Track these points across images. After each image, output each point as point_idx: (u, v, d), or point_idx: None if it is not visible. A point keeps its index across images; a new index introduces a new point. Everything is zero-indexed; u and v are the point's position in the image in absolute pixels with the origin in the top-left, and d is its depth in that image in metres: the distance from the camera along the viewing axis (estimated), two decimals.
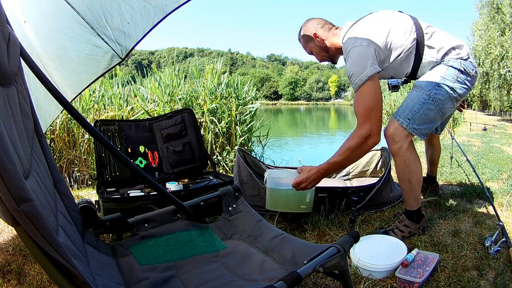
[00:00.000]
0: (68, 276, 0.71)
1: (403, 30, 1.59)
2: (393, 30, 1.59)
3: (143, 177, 1.28)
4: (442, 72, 1.58)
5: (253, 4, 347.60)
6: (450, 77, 1.56)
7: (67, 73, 2.14)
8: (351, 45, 1.54)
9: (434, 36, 1.62)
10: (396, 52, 1.61)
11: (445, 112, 1.62)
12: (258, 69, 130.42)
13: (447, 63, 1.59)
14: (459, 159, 3.52)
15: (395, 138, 1.56)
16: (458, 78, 1.57)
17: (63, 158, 4.14)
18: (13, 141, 0.71)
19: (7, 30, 0.86)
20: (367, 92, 1.47)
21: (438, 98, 1.56)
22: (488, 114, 23.70)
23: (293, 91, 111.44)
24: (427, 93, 1.57)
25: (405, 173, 1.58)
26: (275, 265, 1.04)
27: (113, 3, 1.76)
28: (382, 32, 1.58)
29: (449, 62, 1.58)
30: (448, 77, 1.56)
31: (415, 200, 1.63)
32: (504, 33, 14.76)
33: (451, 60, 1.59)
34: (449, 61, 1.59)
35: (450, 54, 1.60)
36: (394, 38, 1.59)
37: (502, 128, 9.74)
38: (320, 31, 1.75)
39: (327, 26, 1.76)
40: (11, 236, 1.85)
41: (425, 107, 1.56)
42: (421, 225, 1.68)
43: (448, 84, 1.56)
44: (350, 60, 1.53)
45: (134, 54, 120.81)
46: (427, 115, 1.57)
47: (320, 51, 1.80)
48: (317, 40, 1.75)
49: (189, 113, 2.46)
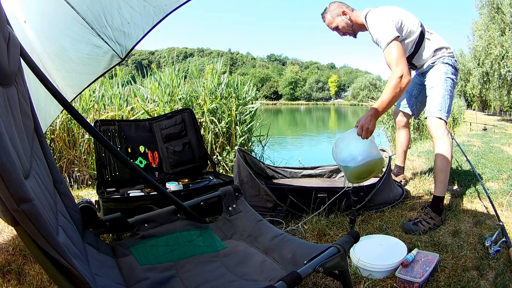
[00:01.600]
0: (68, 276, 0.71)
1: (414, 20, 1.99)
2: (406, 19, 1.96)
3: (143, 177, 1.28)
4: (444, 70, 1.98)
5: (253, 4, 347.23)
6: (449, 72, 1.99)
7: (67, 73, 2.14)
8: (374, 17, 1.92)
9: (432, 34, 2.05)
10: (407, 36, 1.98)
11: (452, 98, 2.01)
12: (258, 69, 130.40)
13: (443, 61, 1.99)
14: (459, 159, 3.52)
15: (438, 128, 1.92)
16: (452, 71, 1.99)
17: (63, 158, 4.13)
18: (13, 141, 0.71)
19: (7, 30, 0.86)
20: (393, 48, 1.80)
21: (449, 89, 1.97)
22: (488, 114, 23.70)
23: (293, 91, 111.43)
24: (443, 87, 1.96)
25: (448, 156, 1.88)
26: (275, 265, 1.04)
27: (113, 3, 1.75)
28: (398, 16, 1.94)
29: (445, 59, 1.99)
30: (448, 72, 1.98)
31: (445, 185, 1.89)
32: (504, 33, 14.76)
33: (445, 57, 1.99)
34: (444, 59, 1.99)
35: (442, 51, 2.00)
36: (408, 25, 1.95)
37: (502, 128, 9.74)
38: (347, 10, 2.08)
39: (350, 8, 2.11)
40: (11, 236, 1.85)
41: (446, 97, 1.95)
42: (442, 217, 1.88)
43: (450, 77, 1.98)
44: (375, 29, 1.89)
45: (134, 54, 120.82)
46: (448, 102, 1.96)
47: (346, 26, 2.09)
48: (345, 16, 2.07)
49: (189, 113, 2.46)
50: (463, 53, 27.80)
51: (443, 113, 1.92)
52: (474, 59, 17.21)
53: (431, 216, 1.84)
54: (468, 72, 22.50)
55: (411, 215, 1.97)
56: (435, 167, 1.93)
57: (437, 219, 1.83)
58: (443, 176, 1.88)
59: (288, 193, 1.96)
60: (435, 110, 1.94)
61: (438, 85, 1.97)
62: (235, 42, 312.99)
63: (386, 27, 1.85)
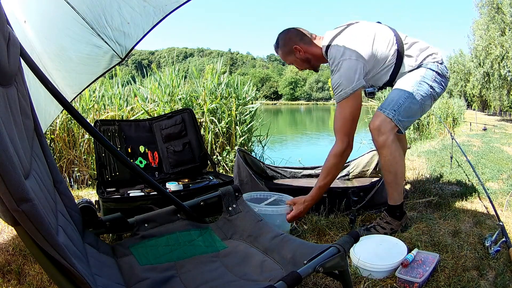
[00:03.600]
0: (68, 276, 0.71)
1: (386, 42, 1.68)
2: (377, 43, 1.66)
3: (143, 177, 1.28)
4: (422, 73, 1.68)
5: (253, 4, 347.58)
6: (429, 77, 1.66)
7: (67, 73, 2.14)
8: (340, 58, 1.61)
9: (413, 46, 1.72)
10: (380, 64, 1.70)
11: (425, 108, 1.71)
12: (258, 69, 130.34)
13: (425, 66, 1.69)
14: (459, 159, 3.52)
15: (382, 129, 1.60)
16: (435, 78, 1.67)
17: (63, 158, 4.13)
18: (13, 141, 0.71)
19: (7, 30, 0.86)
20: (350, 105, 1.58)
21: (420, 94, 1.64)
22: (488, 114, 23.70)
23: (293, 91, 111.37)
24: (411, 89, 1.65)
25: (392, 165, 1.61)
26: (275, 265, 1.04)
27: (113, 3, 1.76)
28: (368, 45, 1.65)
29: (428, 65, 1.68)
30: (428, 77, 1.66)
31: (398, 194, 1.66)
32: (504, 33, 14.77)
33: (429, 63, 1.69)
34: (428, 64, 1.68)
35: (427, 59, 1.70)
36: (379, 51, 1.67)
37: (502, 128, 9.75)
38: (300, 43, 1.76)
39: (307, 37, 1.77)
40: (11, 236, 1.85)
41: (409, 101, 1.63)
42: (403, 222, 1.70)
43: (428, 83, 1.66)
44: (338, 73, 1.60)
45: (134, 54, 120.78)
46: (411, 108, 1.64)
47: (301, 63, 1.82)
48: (298, 53, 1.77)
49: (189, 113, 2.46)
50: (462, 53, 27.80)
51: (396, 114, 1.59)
52: (475, 59, 17.23)
53: (387, 221, 1.68)
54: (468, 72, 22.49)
55: (411, 215, 1.97)
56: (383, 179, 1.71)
57: (394, 224, 1.67)
58: (392, 188, 1.65)
59: (288, 193, 1.96)
60: (387, 106, 1.62)
61: (406, 85, 1.65)
62: (235, 42, 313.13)
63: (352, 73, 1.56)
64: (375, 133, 1.62)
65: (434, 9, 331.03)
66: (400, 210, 1.69)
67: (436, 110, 10.29)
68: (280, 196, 1.83)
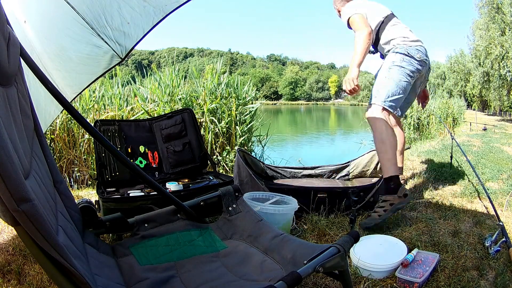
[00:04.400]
0: (68, 276, 0.71)
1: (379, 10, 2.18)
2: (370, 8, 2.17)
3: (143, 177, 1.28)
4: (391, 58, 2.03)
5: (253, 4, 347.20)
6: (398, 60, 2.01)
7: (67, 73, 2.14)
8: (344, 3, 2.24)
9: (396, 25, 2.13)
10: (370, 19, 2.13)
11: (406, 87, 2.00)
12: (258, 69, 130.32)
13: (394, 51, 2.04)
14: (459, 159, 3.52)
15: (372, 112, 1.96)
16: (404, 59, 1.99)
17: (63, 158, 4.13)
18: (13, 141, 0.71)
19: (7, 30, 0.86)
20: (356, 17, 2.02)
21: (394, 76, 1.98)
22: (488, 114, 23.70)
23: (293, 91, 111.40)
24: (384, 75, 2.02)
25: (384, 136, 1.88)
26: (275, 265, 1.04)
27: (113, 3, 1.75)
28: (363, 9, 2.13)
29: (396, 49, 2.03)
30: (396, 60, 2.01)
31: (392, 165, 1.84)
32: (504, 33, 14.77)
33: (398, 47, 2.03)
34: (396, 48, 2.03)
35: (397, 40, 2.06)
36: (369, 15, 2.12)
37: (502, 128, 9.75)
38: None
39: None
40: (11, 236, 1.85)
41: (387, 84, 1.98)
42: (400, 193, 1.77)
43: (397, 64, 2.00)
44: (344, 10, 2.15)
45: (134, 54, 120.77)
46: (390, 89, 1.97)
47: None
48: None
49: (189, 113, 2.46)
50: (463, 53, 27.79)
51: (378, 99, 1.95)
52: (475, 59, 17.23)
53: (384, 199, 1.79)
54: (468, 72, 22.49)
55: (411, 215, 1.97)
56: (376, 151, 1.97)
57: (391, 198, 1.77)
58: (384, 157, 1.87)
59: (288, 193, 1.96)
60: (372, 97, 2.00)
61: (381, 74, 2.03)
62: (235, 42, 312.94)
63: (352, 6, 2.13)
64: (367, 114, 1.98)
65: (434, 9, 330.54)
66: (395, 181, 1.81)
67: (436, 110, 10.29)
68: (282, 197, 1.83)
